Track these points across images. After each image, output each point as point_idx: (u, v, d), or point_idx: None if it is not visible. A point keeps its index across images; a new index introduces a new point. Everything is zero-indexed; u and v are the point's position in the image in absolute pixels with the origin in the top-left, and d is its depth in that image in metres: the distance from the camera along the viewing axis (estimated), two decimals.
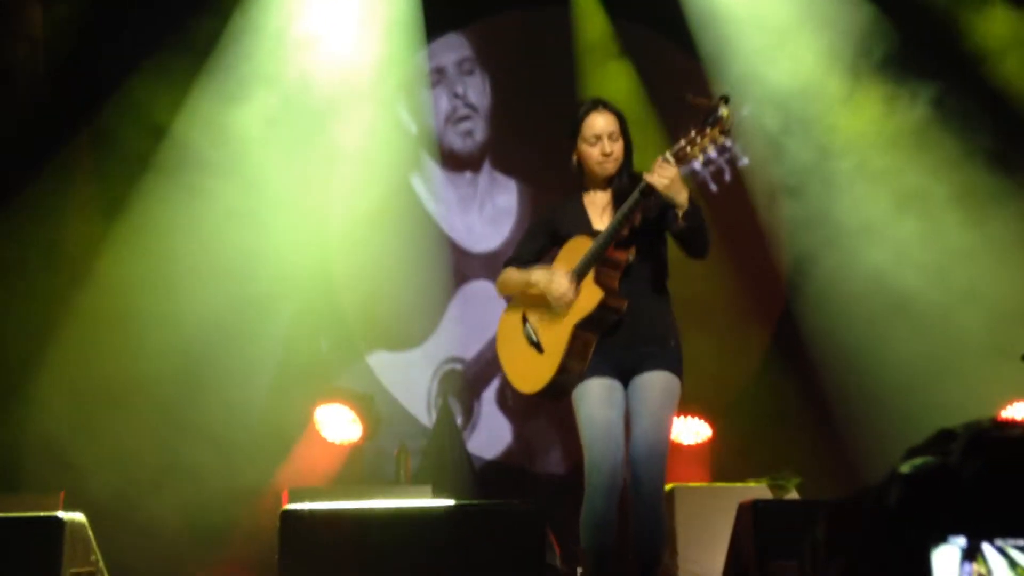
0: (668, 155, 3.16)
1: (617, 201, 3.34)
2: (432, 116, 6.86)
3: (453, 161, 6.90)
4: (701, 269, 6.28)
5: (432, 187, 6.87)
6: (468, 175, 6.89)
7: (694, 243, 3.28)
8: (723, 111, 3.13)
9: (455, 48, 6.95)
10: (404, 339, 6.62)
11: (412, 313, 6.54)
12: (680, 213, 3.15)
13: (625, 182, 3.36)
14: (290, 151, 6.31)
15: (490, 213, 6.87)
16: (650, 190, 3.14)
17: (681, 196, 3.13)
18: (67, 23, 5.88)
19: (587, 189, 3.47)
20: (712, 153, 3.20)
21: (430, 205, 6.84)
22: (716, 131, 3.14)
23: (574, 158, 3.43)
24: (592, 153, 3.36)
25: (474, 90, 6.92)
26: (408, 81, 6.70)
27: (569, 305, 3.25)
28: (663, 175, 3.11)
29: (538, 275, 3.35)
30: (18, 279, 5.61)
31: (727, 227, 6.66)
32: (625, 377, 3.31)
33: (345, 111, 6.47)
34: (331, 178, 6.52)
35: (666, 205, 3.20)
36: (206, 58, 6.09)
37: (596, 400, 3.25)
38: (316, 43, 6.34)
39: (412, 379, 6.62)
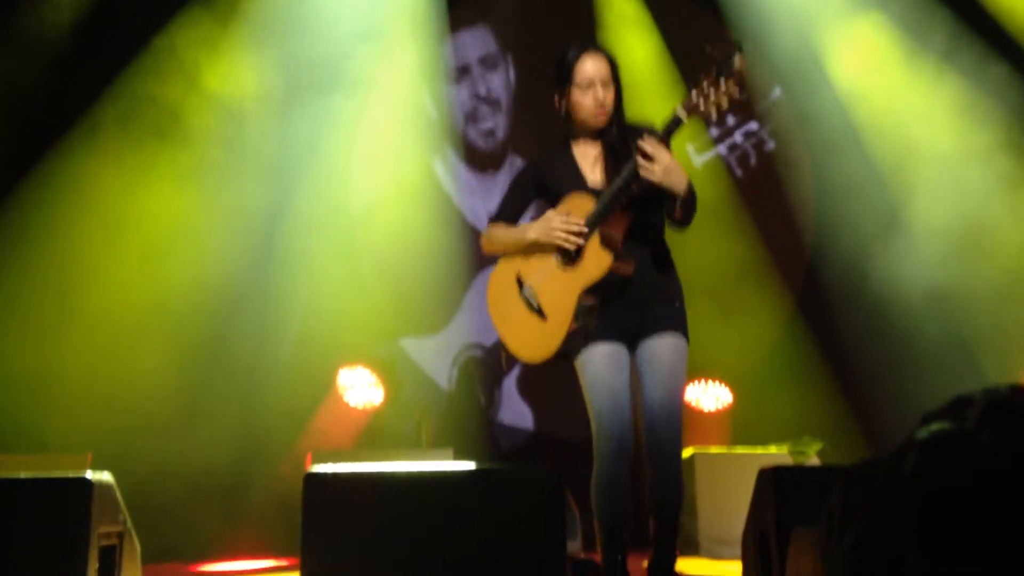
0: (680, 109, 2.98)
1: (609, 153, 3.18)
2: (453, 108, 6.80)
3: (475, 158, 6.84)
4: (725, 234, 6.32)
5: (453, 171, 6.81)
6: (490, 171, 6.82)
7: (681, 224, 3.12)
8: (737, 61, 2.91)
9: (481, 44, 6.86)
10: (424, 324, 6.59)
11: (432, 298, 6.50)
12: (678, 203, 2.99)
13: (615, 133, 3.18)
14: (313, 112, 6.31)
15: None
16: (640, 178, 2.96)
17: (680, 185, 2.97)
18: None
19: (575, 138, 3.27)
20: (737, 137, 3.06)
21: (451, 189, 6.78)
22: (731, 83, 2.92)
23: (563, 105, 3.22)
24: (585, 102, 3.15)
25: (497, 85, 6.81)
26: (428, 64, 6.64)
27: (580, 236, 3.07)
28: (656, 164, 2.93)
29: (535, 229, 3.16)
30: (47, 237, 5.65)
31: (751, 193, 6.66)
32: (630, 338, 3.18)
33: (368, 85, 6.45)
34: (352, 148, 6.49)
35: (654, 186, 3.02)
36: (231, 18, 6.09)
37: (601, 366, 3.12)
38: (336, 15, 6.32)
39: (433, 359, 6.60)
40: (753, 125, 6.64)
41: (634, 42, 6.56)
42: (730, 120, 6.62)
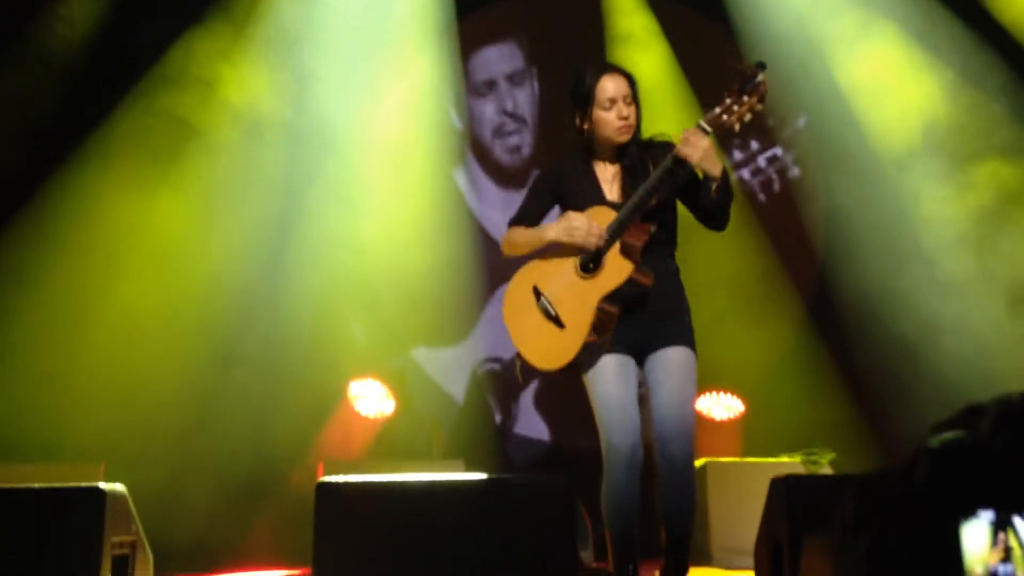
0: (703, 123, 3.05)
1: (627, 171, 3.23)
2: (479, 121, 6.79)
3: (500, 175, 6.81)
4: (737, 245, 6.32)
5: (475, 183, 6.79)
6: (514, 186, 6.78)
7: (720, 217, 3.17)
8: (761, 77, 3.01)
9: (508, 60, 6.84)
10: (441, 336, 6.55)
11: (449, 310, 6.45)
12: (714, 186, 3.05)
13: (634, 151, 3.24)
14: (332, 123, 6.33)
15: None
16: (682, 162, 3.04)
17: (716, 168, 3.03)
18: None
19: (595, 156, 3.31)
20: (761, 161, 3.09)
21: (472, 202, 6.76)
22: (754, 99, 3.02)
23: (585, 126, 3.25)
24: (610, 120, 3.20)
25: (523, 102, 6.79)
26: (449, 73, 6.63)
27: (601, 237, 3.11)
28: (697, 146, 3.01)
29: (554, 229, 3.19)
30: (60, 248, 5.68)
31: (762, 204, 6.65)
32: (638, 351, 3.20)
33: (384, 94, 6.46)
34: (368, 156, 6.50)
35: (690, 177, 3.10)
36: (244, 31, 6.12)
37: (610, 378, 3.14)
38: (350, 24, 6.34)
39: (447, 371, 6.58)
40: (778, 151, 6.61)
41: (643, 58, 6.55)
42: (754, 145, 6.60)
